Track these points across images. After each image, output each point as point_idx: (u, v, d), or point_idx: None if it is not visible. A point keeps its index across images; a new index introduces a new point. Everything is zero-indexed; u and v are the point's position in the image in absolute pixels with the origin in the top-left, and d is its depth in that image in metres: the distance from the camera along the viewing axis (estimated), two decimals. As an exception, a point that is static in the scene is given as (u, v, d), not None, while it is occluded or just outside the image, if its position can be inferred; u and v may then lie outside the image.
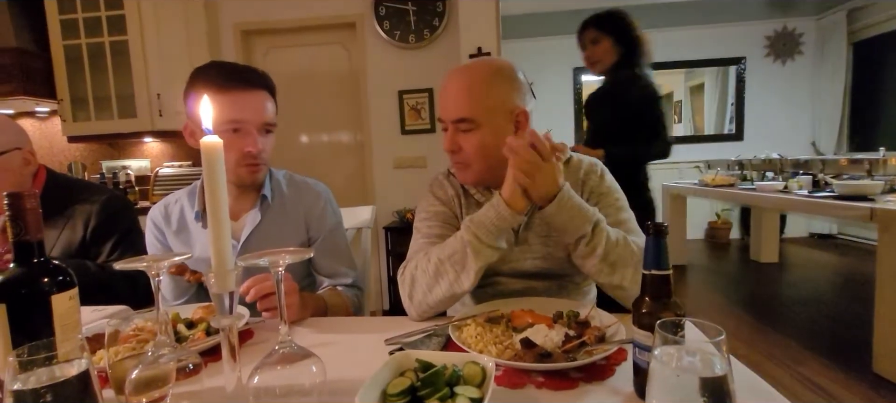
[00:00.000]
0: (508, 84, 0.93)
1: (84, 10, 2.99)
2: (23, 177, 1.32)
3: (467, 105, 0.91)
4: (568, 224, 0.84)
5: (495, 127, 0.92)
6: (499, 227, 0.85)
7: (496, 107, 0.91)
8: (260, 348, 0.82)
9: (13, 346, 0.55)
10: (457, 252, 0.86)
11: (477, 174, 0.96)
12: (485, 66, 0.94)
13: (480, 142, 0.92)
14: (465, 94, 0.92)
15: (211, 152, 0.53)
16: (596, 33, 2.02)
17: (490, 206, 0.85)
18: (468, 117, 0.91)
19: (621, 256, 0.85)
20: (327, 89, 3.38)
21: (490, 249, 0.85)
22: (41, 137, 3.44)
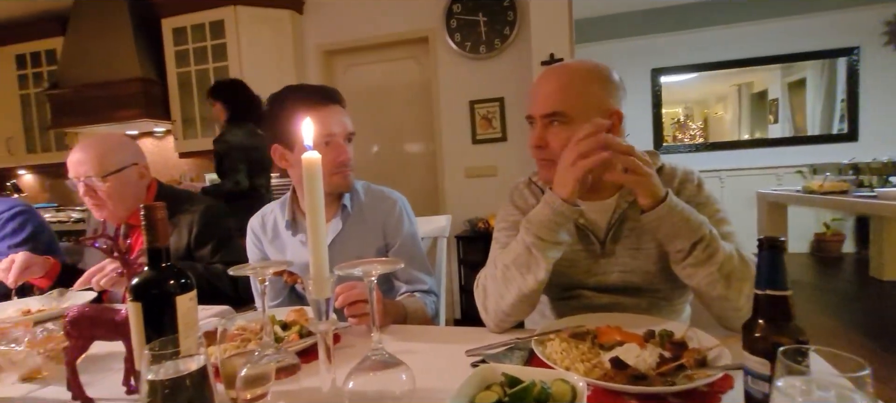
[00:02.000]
0: (605, 84, 0.90)
1: (193, 41, 3.38)
2: (139, 189, 1.50)
3: (560, 99, 0.89)
4: (680, 228, 0.79)
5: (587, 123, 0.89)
6: (556, 222, 0.83)
7: (590, 104, 0.89)
8: (346, 352, 0.86)
9: (146, 341, 0.63)
10: (520, 255, 0.85)
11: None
12: (581, 64, 0.93)
13: (570, 138, 0.88)
14: (559, 89, 0.90)
15: (311, 167, 0.57)
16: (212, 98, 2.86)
17: (545, 204, 0.84)
18: (560, 111, 0.89)
19: (737, 269, 0.78)
20: (400, 102, 3.49)
21: (554, 246, 0.84)
22: (158, 154, 3.92)
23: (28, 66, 3.80)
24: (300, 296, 1.26)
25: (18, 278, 1.29)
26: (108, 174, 1.38)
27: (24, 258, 1.31)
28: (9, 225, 1.60)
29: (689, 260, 0.80)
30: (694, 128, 5.47)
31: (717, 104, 5.47)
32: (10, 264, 1.29)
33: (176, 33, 3.42)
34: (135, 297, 0.63)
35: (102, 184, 1.37)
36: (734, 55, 5.02)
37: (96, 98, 3.39)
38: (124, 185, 1.42)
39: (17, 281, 1.29)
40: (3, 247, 1.56)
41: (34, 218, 1.69)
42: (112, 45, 3.40)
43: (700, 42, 5.02)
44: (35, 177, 4.32)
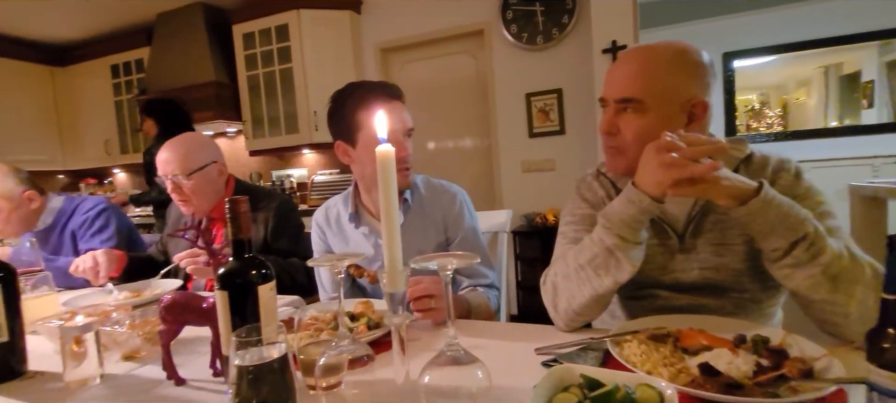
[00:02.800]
0: (690, 70, 0.83)
1: (261, 45, 3.58)
2: (218, 185, 1.61)
3: (637, 84, 0.83)
4: (777, 225, 0.71)
5: (664, 114, 0.82)
6: (641, 221, 0.77)
7: (670, 92, 0.82)
8: (413, 345, 0.86)
9: (232, 328, 0.66)
10: (597, 255, 0.79)
11: (630, 163, 0.86)
12: (666, 46, 0.85)
13: (643, 127, 0.83)
14: (637, 73, 0.84)
15: (384, 160, 0.57)
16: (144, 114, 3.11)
17: (629, 202, 0.76)
18: (635, 97, 0.83)
19: (847, 270, 0.69)
20: (455, 97, 3.49)
21: (636, 246, 0.78)
22: (230, 152, 4.20)
23: (121, 74, 4.21)
24: (361, 289, 1.29)
25: (106, 276, 1.42)
26: (192, 172, 1.49)
27: (108, 255, 1.44)
28: (95, 223, 1.76)
29: (788, 260, 0.72)
30: (771, 116, 5.01)
31: (798, 89, 4.97)
32: (95, 264, 1.42)
33: (245, 38, 3.63)
34: (222, 286, 0.66)
35: (187, 182, 1.48)
36: (820, 34, 4.53)
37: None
38: (206, 182, 1.53)
39: (105, 279, 1.42)
40: (96, 243, 1.73)
41: (116, 214, 1.85)
42: (190, 52, 3.67)
43: (779, 21, 4.58)
44: (127, 174, 4.79)
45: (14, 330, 0.84)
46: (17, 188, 1.68)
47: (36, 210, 1.74)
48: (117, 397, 0.75)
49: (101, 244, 1.71)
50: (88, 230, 1.75)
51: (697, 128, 0.84)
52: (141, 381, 0.80)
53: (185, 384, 0.77)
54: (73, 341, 0.78)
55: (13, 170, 1.70)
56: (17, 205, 1.68)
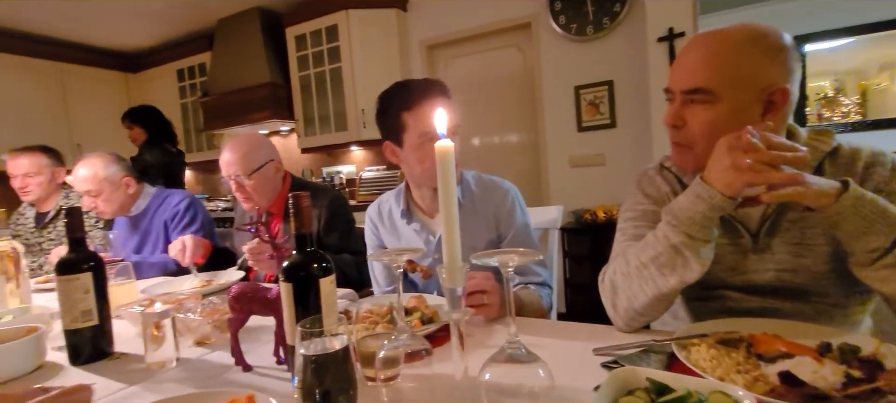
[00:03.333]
0: (768, 53, 0.76)
1: (312, 46, 3.70)
2: (276, 182, 1.69)
3: (706, 73, 0.77)
4: (873, 223, 0.65)
5: (737, 104, 0.76)
6: (711, 219, 0.71)
7: (744, 80, 0.76)
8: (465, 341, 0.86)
9: (295, 318, 0.69)
10: (662, 254, 0.75)
11: (698, 159, 0.80)
12: (740, 29, 0.78)
13: (713, 119, 0.77)
14: (706, 60, 0.77)
15: (443, 156, 0.57)
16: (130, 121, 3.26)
17: (698, 198, 0.71)
18: (704, 88, 0.77)
19: None
20: (501, 91, 3.45)
21: (705, 244, 0.73)
22: (283, 150, 4.39)
23: (186, 78, 4.50)
24: (413, 283, 1.30)
25: (192, 258, 1.55)
26: (253, 171, 1.57)
27: (193, 241, 1.57)
28: (185, 215, 1.93)
29: (888, 260, 0.65)
30: (848, 104, 4.58)
31: (880, 73, 4.50)
32: (183, 247, 1.55)
33: (297, 40, 3.77)
34: (286, 278, 0.69)
35: (248, 181, 1.56)
36: (909, 12, 4.08)
37: (235, 103, 3.89)
38: (265, 180, 1.61)
39: (190, 261, 1.55)
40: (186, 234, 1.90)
41: (200, 207, 2.03)
42: (247, 55, 3.86)
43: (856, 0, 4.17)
44: (192, 172, 5.12)
45: (103, 315, 0.92)
46: (118, 173, 1.89)
47: (132, 195, 1.94)
48: (192, 379, 0.80)
49: (191, 233, 1.87)
50: (180, 222, 1.93)
51: (777, 118, 0.77)
52: (212, 365, 0.86)
53: (251, 370, 0.81)
54: (153, 326, 0.84)
55: (116, 158, 1.92)
56: (116, 188, 1.88)
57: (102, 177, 1.83)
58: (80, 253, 0.91)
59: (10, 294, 1.23)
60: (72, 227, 0.91)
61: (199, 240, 1.62)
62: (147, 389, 0.77)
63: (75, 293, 0.89)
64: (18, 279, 1.24)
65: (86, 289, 0.90)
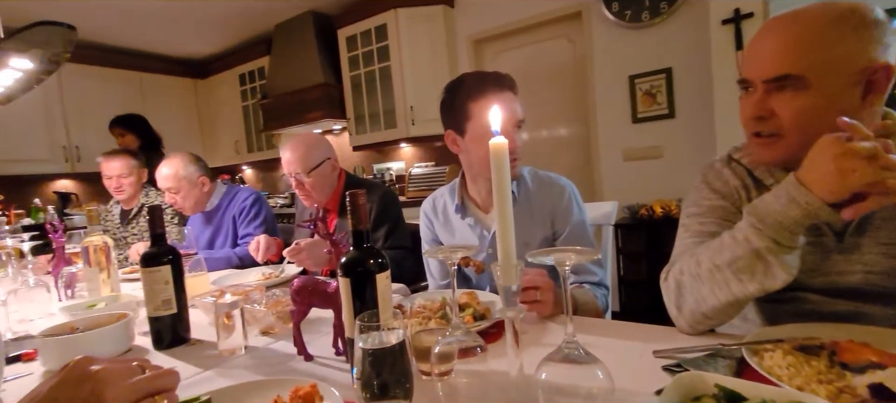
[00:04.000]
0: (860, 31, 0.68)
1: (362, 46, 3.80)
2: (332, 179, 1.75)
3: (793, 57, 0.70)
4: None
5: (831, 89, 0.69)
6: (803, 225, 0.65)
7: (837, 62, 0.69)
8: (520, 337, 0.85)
9: (354, 313, 0.72)
10: (742, 258, 0.69)
11: (789, 150, 0.74)
12: (826, 7, 0.71)
13: (804, 107, 0.70)
14: (790, 45, 0.71)
15: (498, 153, 0.56)
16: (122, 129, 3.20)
17: (791, 202, 0.64)
18: (793, 74, 0.70)
19: None
20: (550, 84, 3.38)
21: (792, 251, 0.67)
22: (336, 148, 4.53)
23: (247, 82, 4.77)
24: (466, 278, 1.31)
25: (265, 256, 1.65)
26: (311, 169, 1.64)
27: (267, 240, 1.68)
28: (251, 211, 2.08)
29: None
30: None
31: None
32: (258, 245, 1.69)
33: (348, 41, 3.89)
34: (344, 273, 0.72)
35: (307, 178, 1.64)
36: None
37: (292, 104, 4.08)
38: (322, 177, 1.68)
39: (264, 258, 1.66)
40: (252, 228, 2.04)
41: (264, 203, 2.17)
42: (301, 58, 4.03)
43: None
44: (253, 170, 5.43)
45: (180, 304, 1.01)
46: (195, 172, 2.07)
47: (207, 192, 2.12)
48: (260, 366, 0.86)
49: (255, 228, 2.04)
50: (246, 217, 2.08)
51: (880, 100, 0.70)
52: (276, 354, 0.91)
53: (312, 359, 0.86)
54: (224, 315, 0.90)
55: (193, 158, 2.10)
56: (193, 186, 2.07)
57: (182, 175, 2.01)
58: (161, 247, 1.00)
59: (103, 283, 1.37)
60: (154, 224, 1.00)
61: (271, 240, 1.73)
62: (220, 374, 0.83)
63: (157, 283, 0.97)
64: (109, 270, 1.38)
65: (166, 280, 0.98)
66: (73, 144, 4.10)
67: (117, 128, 3.26)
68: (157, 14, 3.75)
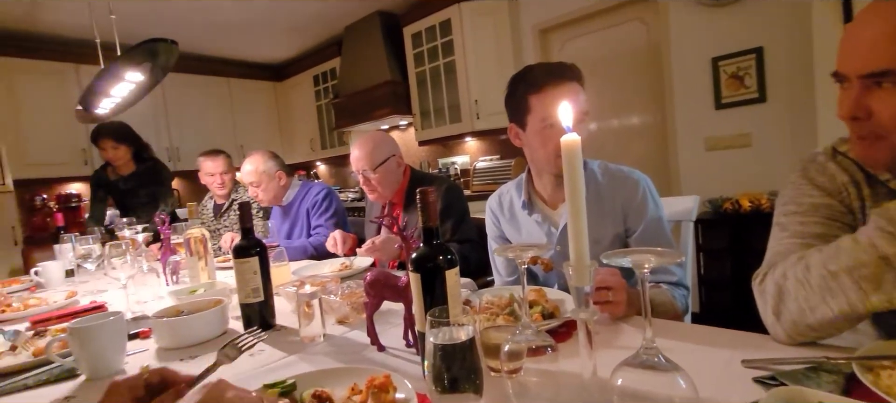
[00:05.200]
0: None
1: (427, 42, 3.86)
2: (397, 175, 1.80)
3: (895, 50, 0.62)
4: None
5: None
6: None
7: None
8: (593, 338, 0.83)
9: (425, 308, 0.74)
10: (865, 265, 0.61)
11: (892, 152, 0.67)
12: None
13: None
14: (891, 35, 0.62)
15: (570, 149, 0.55)
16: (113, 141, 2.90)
17: None
18: (893, 69, 0.62)
19: None
20: (622, 71, 3.20)
21: None
22: (402, 143, 4.67)
23: (320, 83, 5.04)
24: (533, 275, 1.29)
25: (342, 251, 1.75)
26: (378, 166, 1.70)
27: (343, 235, 1.78)
28: (323, 204, 2.22)
29: None
30: None
31: None
32: (335, 241, 1.78)
33: (414, 38, 3.96)
34: (415, 268, 0.74)
35: (374, 174, 1.70)
36: None
37: (361, 102, 4.25)
38: (388, 173, 1.74)
39: (342, 252, 1.76)
40: (323, 220, 2.18)
41: (335, 197, 2.30)
42: (370, 57, 4.18)
43: None
44: (326, 166, 5.75)
45: (267, 292, 1.09)
46: (274, 167, 2.25)
47: (283, 187, 2.30)
48: (336, 354, 0.91)
49: (326, 220, 2.18)
50: (318, 209, 2.24)
51: None
52: (352, 343, 0.96)
53: (384, 350, 0.89)
54: (305, 304, 0.97)
55: (271, 155, 2.29)
56: (271, 180, 2.25)
57: (262, 170, 2.19)
58: (250, 240, 1.09)
59: (202, 270, 1.53)
60: (243, 218, 1.10)
61: (347, 235, 1.83)
62: (302, 359, 0.89)
63: (247, 273, 1.07)
64: (206, 259, 1.53)
65: (254, 271, 1.07)
66: (175, 145, 4.59)
67: (109, 140, 2.89)
68: (241, 24, 4.08)
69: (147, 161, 3.09)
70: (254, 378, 0.78)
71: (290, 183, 2.33)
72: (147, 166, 3.06)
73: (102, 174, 3.06)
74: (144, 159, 3.08)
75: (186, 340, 1.03)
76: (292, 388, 0.69)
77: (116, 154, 2.94)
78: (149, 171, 3.06)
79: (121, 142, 2.94)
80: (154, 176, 3.07)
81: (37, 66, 3.81)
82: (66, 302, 1.53)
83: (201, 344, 1.03)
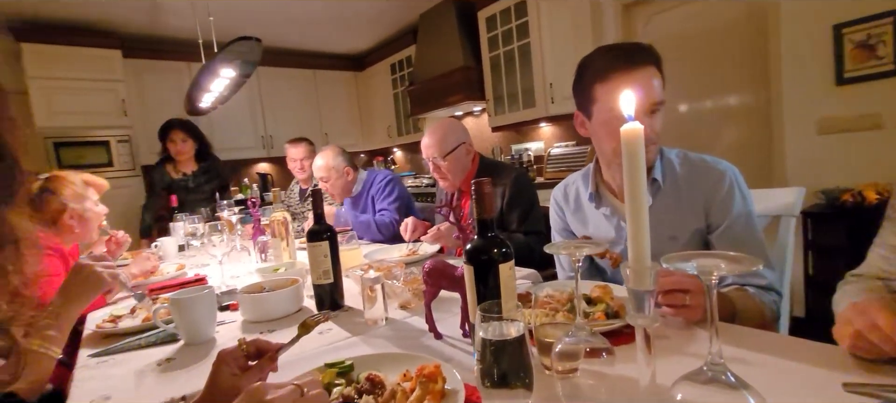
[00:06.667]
0: None
1: (502, 25, 3.78)
2: (466, 162, 1.80)
3: None
4: None
5: None
6: None
7: None
8: (660, 344, 0.77)
9: (477, 298, 0.73)
10: None
11: None
12: None
13: None
14: None
15: (631, 141, 0.50)
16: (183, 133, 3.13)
17: None
18: None
19: None
20: (716, 45, 2.87)
21: None
22: (475, 129, 4.66)
23: (397, 71, 5.18)
24: (600, 270, 1.22)
25: (412, 236, 1.81)
26: (447, 153, 1.71)
27: (414, 222, 1.83)
28: (386, 189, 2.30)
29: None
30: None
31: None
32: (406, 227, 1.84)
33: (488, 22, 3.90)
34: (468, 260, 0.73)
35: (443, 162, 1.72)
36: None
37: (435, 89, 4.29)
38: (457, 161, 1.74)
39: (411, 239, 1.81)
40: (386, 204, 2.25)
41: (399, 182, 2.38)
42: (444, 43, 4.19)
43: None
44: (402, 152, 5.92)
45: (336, 274, 1.16)
46: (342, 163, 2.37)
47: (351, 181, 2.42)
48: (396, 338, 0.94)
49: (389, 204, 2.26)
50: (382, 193, 2.34)
51: None
52: (411, 329, 0.99)
53: (441, 338, 0.91)
54: (368, 288, 1.01)
55: (341, 150, 2.40)
56: (340, 175, 2.37)
57: (332, 166, 2.31)
58: (322, 225, 1.16)
59: (284, 250, 1.66)
60: (316, 204, 1.17)
61: (418, 222, 1.89)
62: (364, 341, 0.94)
63: (318, 256, 1.14)
64: (288, 240, 1.67)
65: (325, 254, 1.14)
66: (268, 134, 5.01)
67: (180, 132, 3.12)
68: (325, 18, 4.31)
69: (208, 158, 3.26)
70: (318, 357, 0.83)
71: (357, 175, 2.43)
72: (209, 163, 3.26)
73: (164, 170, 3.18)
74: (206, 157, 3.26)
75: (267, 314, 1.12)
76: (350, 369, 0.73)
77: (184, 147, 3.11)
78: (211, 169, 3.24)
79: (190, 136, 3.13)
80: (217, 172, 3.27)
81: (159, 66, 4.37)
82: (177, 273, 1.76)
83: (279, 319, 1.12)
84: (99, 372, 0.91)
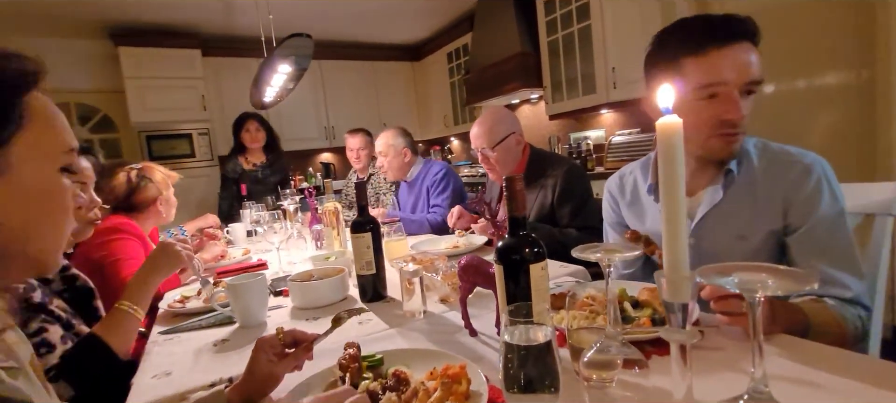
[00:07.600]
0: None
1: (561, 7, 3.61)
2: (516, 153, 1.75)
3: None
4: None
5: None
6: None
7: None
8: (710, 356, 0.70)
9: (507, 297, 0.71)
10: None
11: None
12: None
13: None
14: None
15: (667, 136, 0.45)
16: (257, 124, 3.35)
17: None
18: None
19: None
20: (810, 18, 2.54)
21: None
22: (532, 117, 4.53)
23: (453, 60, 5.15)
24: (656, 267, 1.14)
25: (456, 225, 1.81)
26: (496, 144, 1.68)
27: (460, 211, 1.83)
28: (440, 184, 2.31)
29: None
30: None
31: None
32: (452, 214, 1.84)
33: (546, 5, 3.74)
34: (498, 259, 0.71)
35: (492, 153, 1.69)
36: None
37: (491, 77, 4.21)
38: (507, 152, 1.70)
39: (455, 227, 1.82)
40: (440, 199, 2.27)
41: (453, 175, 2.38)
42: (500, 30, 4.10)
43: None
44: (459, 141, 5.92)
45: (378, 265, 1.18)
46: (401, 143, 2.45)
47: (407, 163, 2.48)
48: (432, 333, 0.94)
49: (443, 200, 2.27)
50: (437, 188, 2.37)
51: None
52: (447, 323, 0.98)
53: (476, 335, 0.89)
54: (407, 281, 1.02)
55: (402, 131, 2.50)
56: (397, 154, 2.46)
57: (391, 143, 2.40)
58: (365, 216, 1.18)
59: (335, 239, 1.73)
60: (359, 196, 1.19)
61: (464, 211, 1.88)
62: (400, 334, 0.95)
63: (361, 247, 1.16)
64: (338, 229, 1.73)
65: (367, 245, 1.16)
66: (331, 124, 5.22)
67: (254, 122, 3.36)
68: (382, 9, 4.37)
69: (275, 151, 3.45)
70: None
71: (415, 160, 2.47)
72: (275, 156, 3.45)
73: (236, 160, 3.37)
74: (273, 149, 3.44)
75: (314, 302, 1.17)
76: (379, 363, 0.74)
77: (257, 136, 3.33)
78: (276, 162, 3.43)
79: (262, 127, 3.36)
80: (281, 166, 3.45)
81: (232, 64, 4.69)
82: (242, 257, 1.89)
83: (325, 307, 1.16)
84: (164, 349, 1.00)
